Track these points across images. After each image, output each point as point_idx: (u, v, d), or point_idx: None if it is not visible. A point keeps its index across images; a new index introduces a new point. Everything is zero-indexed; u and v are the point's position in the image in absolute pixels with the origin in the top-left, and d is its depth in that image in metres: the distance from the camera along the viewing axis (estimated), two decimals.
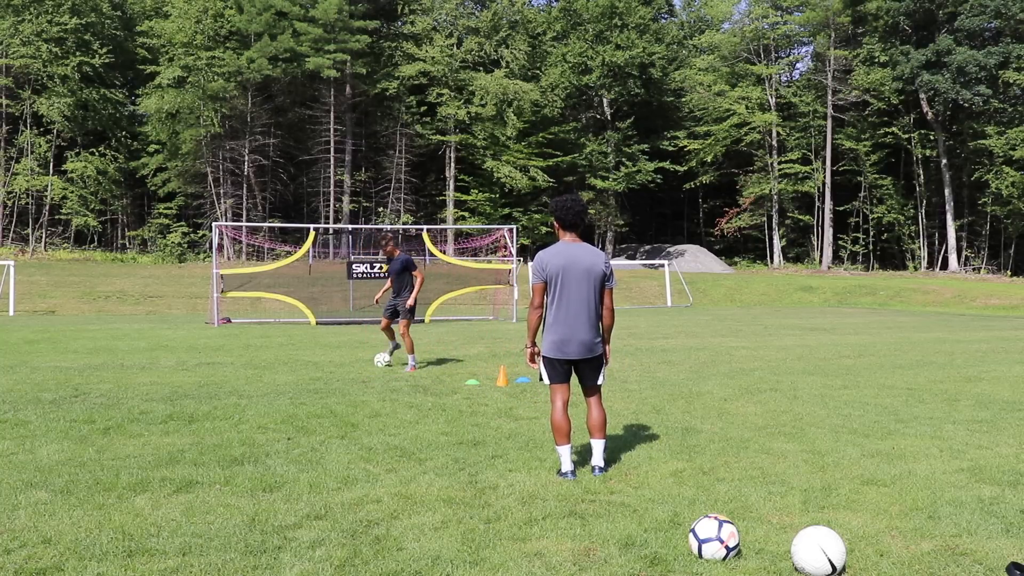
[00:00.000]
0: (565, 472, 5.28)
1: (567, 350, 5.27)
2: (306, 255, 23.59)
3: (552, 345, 5.30)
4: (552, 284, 5.27)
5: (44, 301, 28.42)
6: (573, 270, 5.24)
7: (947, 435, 6.72)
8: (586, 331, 5.27)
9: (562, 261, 5.25)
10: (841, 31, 48.77)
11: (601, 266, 5.31)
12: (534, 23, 50.04)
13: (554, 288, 5.27)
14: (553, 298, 5.29)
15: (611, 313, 5.40)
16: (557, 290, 5.26)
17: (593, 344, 5.32)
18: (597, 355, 5.36)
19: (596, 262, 5.29)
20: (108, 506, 4.59)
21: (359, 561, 3.81)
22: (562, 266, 5.24)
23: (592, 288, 5.28)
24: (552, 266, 5.25)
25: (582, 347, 5.29)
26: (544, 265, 5.28)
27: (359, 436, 6.54)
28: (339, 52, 42.99)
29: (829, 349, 14.27)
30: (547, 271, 5.27)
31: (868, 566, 3.82)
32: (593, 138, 49.05)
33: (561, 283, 5.25)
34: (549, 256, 5.29)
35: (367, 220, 47.87)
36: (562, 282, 5.25)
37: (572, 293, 5.25)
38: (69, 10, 42.39)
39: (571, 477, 5.24)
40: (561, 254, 5.28)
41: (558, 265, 5.24)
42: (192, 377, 10.04)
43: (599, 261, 5.32)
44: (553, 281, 5.26)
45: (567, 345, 5.27)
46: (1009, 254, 46.48)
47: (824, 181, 47.86)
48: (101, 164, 43.85)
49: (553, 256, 5.28)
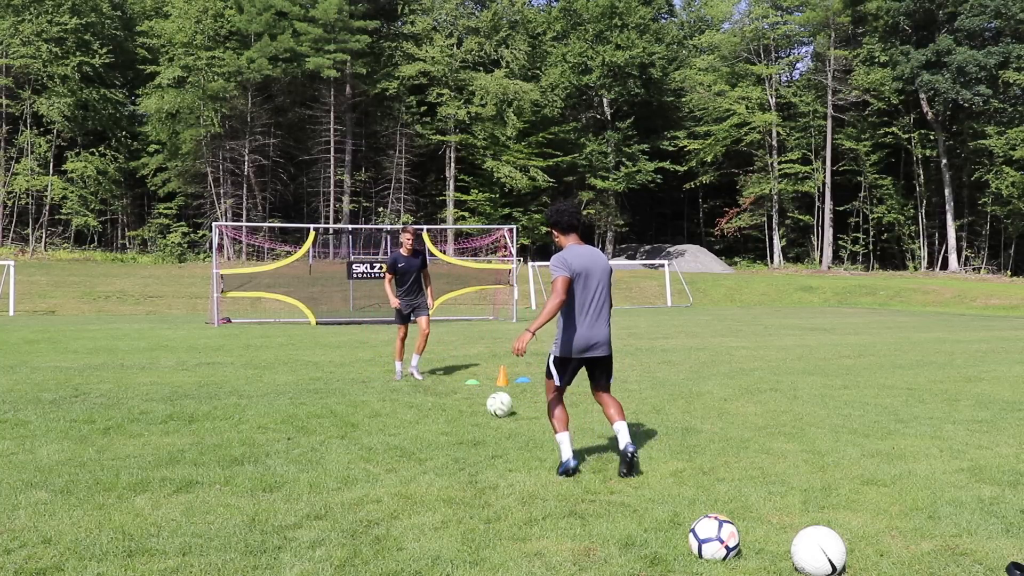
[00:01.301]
0: (567, 460, 5.32)
1: (594, 351, 5.36)
2: (306, 255, 23.58)
3: (574, 345, 5.31)
4: (577, 284, 5.27)
5: (44, 301, 28.42)
6: (595, 270, 5.31)
7: (947, 435, 6.72)
8: (607, 330, 5.42)
9: (585, 262, 5.27)
10: (841, 31, 48.77)
11: (607, 265, 5.46)
12: (534, 23, 50.05)
13: (579, 288, 5.28)
14: (577, 298, 5.28)
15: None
16: (580, 291, 5.28)
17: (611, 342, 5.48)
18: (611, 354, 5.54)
19: (607, 262, 5.45)
20: (108, 506, 4.59)
21: (359, 561, 3.81)
22: (585, 267, 5.27)
23: (607, 288, 5.42)
24: (577, 265, 5.26)
25: (606, 346, 5.44)
26: (570, 263, 5.24)
27: (359, 436, 6.54)
28: (339, 52, 42.99)
29: (829, 349, 14.26)
30: (573, 268, 5.24)
31: (868, 566, 3.82)
32: (593, 138, 49.05)
33: (584, 283, 5.28)
34: (571, 256, 5.27)
35: (367, 220, 47.87)
36: (585, 283, 5.28)
37: (594, 294, 5.32)
38: (69, 10, 42.38)
39: (574, 463, 5.31)
40: (581, 255, 5.29)
41: (582, 265, 5.26)
42: (192, 377, 10.04)
43: (607, 261, 5.47)
44: (578, 281, 5.26)
45: (595, 348, 5.36)
46: (1009, 254, 46.48)
47: (824, 181, 47.86)
48: (101, 164, 43.84)
49: (575, 257, 5.27)
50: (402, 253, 9.99)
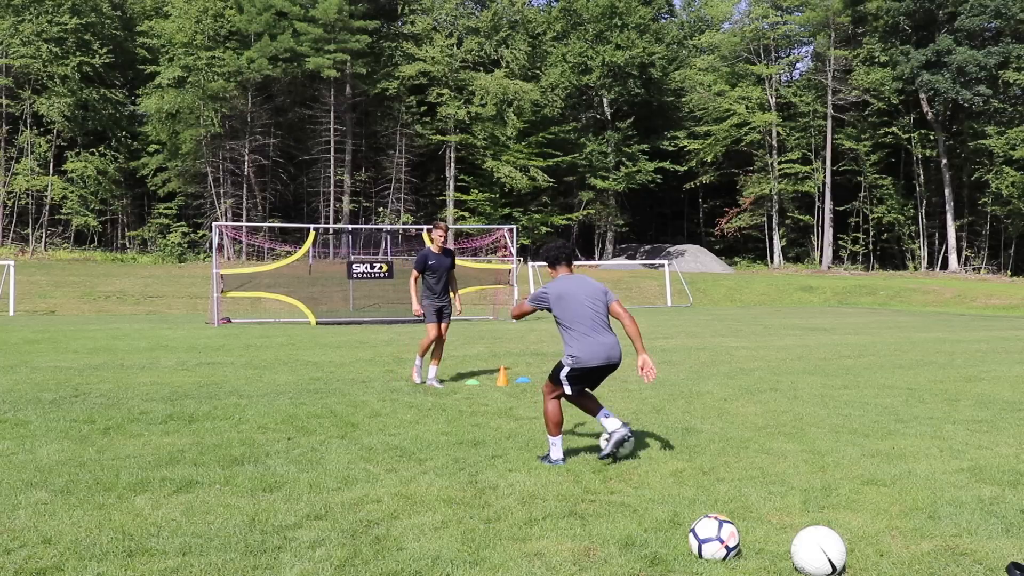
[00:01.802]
0: (557, 459, 5.62)
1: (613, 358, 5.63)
2: (306, 255, 23.58)
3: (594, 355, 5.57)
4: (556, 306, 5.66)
5: (44, 301, 28.43)
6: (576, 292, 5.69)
7: (947, 435, 6.72)
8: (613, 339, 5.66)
9: (563, 286, 5.71)
10: (841, 31, 48.76)
11: (597, 285, 5.73)
12: (534, 23, 50.03)
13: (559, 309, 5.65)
14: (563, 317, 5.66)
15: (630, 319, 5.63)
16: (562, 310, 5.64)
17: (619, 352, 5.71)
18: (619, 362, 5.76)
19: (596, 286, 5.72)
20: (108, 506, 4.59)
21: (359, 561, 3.81)
22: (563, 290, 5.68)
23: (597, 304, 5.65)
24: (553, 290, 5.71)
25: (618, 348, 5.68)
26: (545, 290, 5.77)
27: (359, 436, 6.54)
28: (339, 52, 42.98)
29: (829, 349, 14.26)
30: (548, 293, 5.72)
31: (868, 566, 3.82)
32: (593, 138, 49.04)
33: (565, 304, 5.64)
34: (550, 285, 5.78)
35: (367, 220, 47.87)
36: (565, 303, 5.65)
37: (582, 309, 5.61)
38: (69, 10, 42.38)
39: (562, 463, 5.61)
40: (559, 283, 5.75)
41: (558, 290, 5.69)
42: (192, 377, 10.04)
43: (595, 284, 5.74)
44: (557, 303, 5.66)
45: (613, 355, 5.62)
46: (1009, 254, 46.48)
47: (824, 181, 47.86)
48: (101, 164, 43.84)
49: (553, 285, 5.76)
50: (432, 250, 9.33)
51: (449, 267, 9.46)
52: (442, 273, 9.38)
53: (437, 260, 9.34)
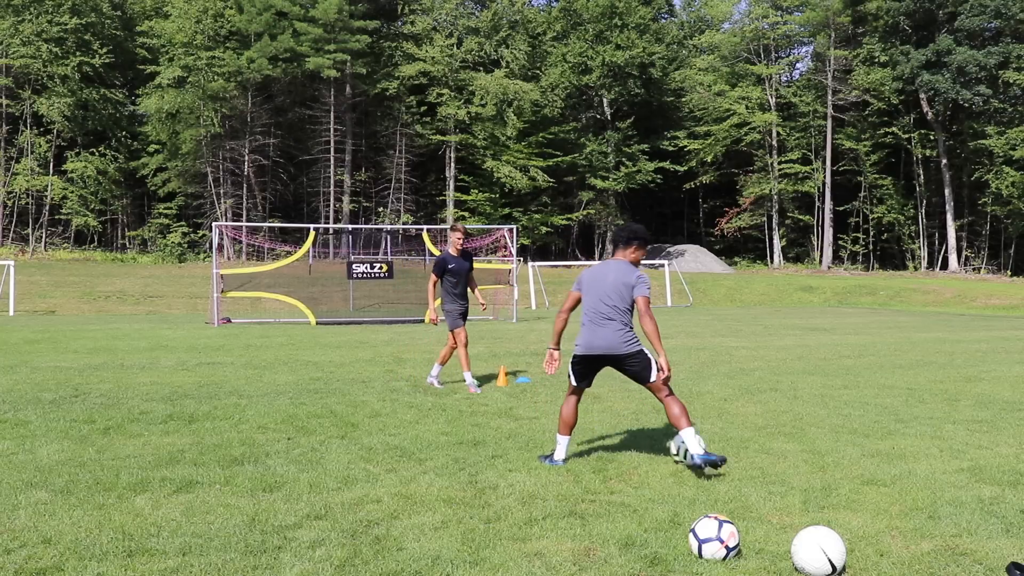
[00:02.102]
0: (557, 459, 5.60)
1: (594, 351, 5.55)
2: (306, 255, 23.59)
3: (580, 344, 5.63)
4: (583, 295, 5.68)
5: (44, 301, 28.43)
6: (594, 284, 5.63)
7: (947, 435, 6.72)
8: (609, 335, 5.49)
9: (589, 275, 5.68)
10: (841, 31, 48.76)
11: (626, 277, 5.53)
12: (534, 23, 50.04)
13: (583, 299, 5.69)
14: (583, 309, 5.70)
15: (647, 318, 5.40)
16: (584, 301, 5.69)
17: (619, 343, 5.49)
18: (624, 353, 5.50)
19: (617, 277, 5.54)
20: (108, 506, 4.59)
21: (359, 561, 3.81)
22: (587, 280, 5.66)
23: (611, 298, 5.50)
24: (584, 279, 5.69)
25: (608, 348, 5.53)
26: (580, 277, 5.75)
27: (359, 436, 6.54)
28: (339, 52, 42.98)
29: (829, 349, 14.26)
30: (579, 282, 5.72)
31: (868, 566, 3.82)
32: (593, 138, 49.05)
33: (585, 295, 5.65)
34: (585, 272, 5.76)
35: (367, 220, 47.87)
36: (586, 294, 5.64)
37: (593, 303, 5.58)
38: (69, 10, 42.39)
39: (561, 464, 5.57)
40: (591, 271, 5.71)
41: (586, 279, 5.69)
42: (192, 377, 10.04)
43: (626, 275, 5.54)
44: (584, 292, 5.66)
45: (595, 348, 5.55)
46: (1009, 254, 46.48)
47: (824, 181, 47.86)
48: (101, 164, 43.85)
49: (587, 272, 5.74)
50: (451, 253, 9.09)
51: (468, 269, 9.21)
52: (462, 276, 9.12)
53: (457, 263, 9.09)
